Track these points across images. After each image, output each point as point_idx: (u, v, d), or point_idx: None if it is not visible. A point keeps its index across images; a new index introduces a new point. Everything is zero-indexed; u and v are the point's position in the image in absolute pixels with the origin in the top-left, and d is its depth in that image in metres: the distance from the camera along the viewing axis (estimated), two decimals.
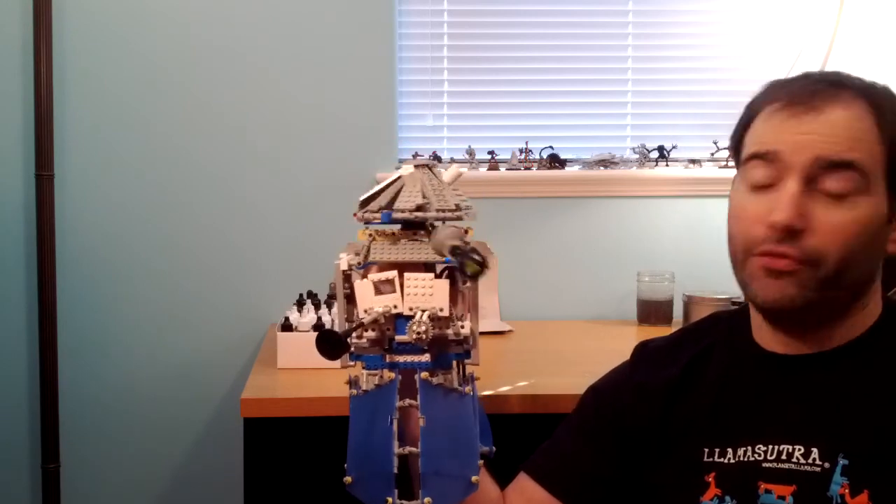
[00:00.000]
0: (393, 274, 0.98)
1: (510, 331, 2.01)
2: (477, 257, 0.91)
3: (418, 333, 0.94)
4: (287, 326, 1.66)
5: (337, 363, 1.04)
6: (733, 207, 1.04)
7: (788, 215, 0.95)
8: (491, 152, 2.20)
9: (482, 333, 1.05)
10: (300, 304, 1.78)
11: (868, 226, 0.97)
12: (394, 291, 0.97)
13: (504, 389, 1.51)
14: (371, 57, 2.14)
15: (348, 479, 0.96)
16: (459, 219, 1.00)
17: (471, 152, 2.18)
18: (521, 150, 2.21)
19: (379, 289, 0.98)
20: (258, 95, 2.12)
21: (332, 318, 1.67)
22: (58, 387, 2.08)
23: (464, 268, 0.92)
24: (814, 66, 1.86)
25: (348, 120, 2.13)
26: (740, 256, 1.01)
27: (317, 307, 1.76)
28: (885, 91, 1.02)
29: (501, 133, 2.25)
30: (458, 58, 2.24)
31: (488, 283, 2.02)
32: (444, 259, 0.97)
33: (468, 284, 1.00)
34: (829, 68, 1.83)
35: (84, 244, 2.11)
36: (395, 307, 0.97)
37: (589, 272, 2.21)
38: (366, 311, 0.97)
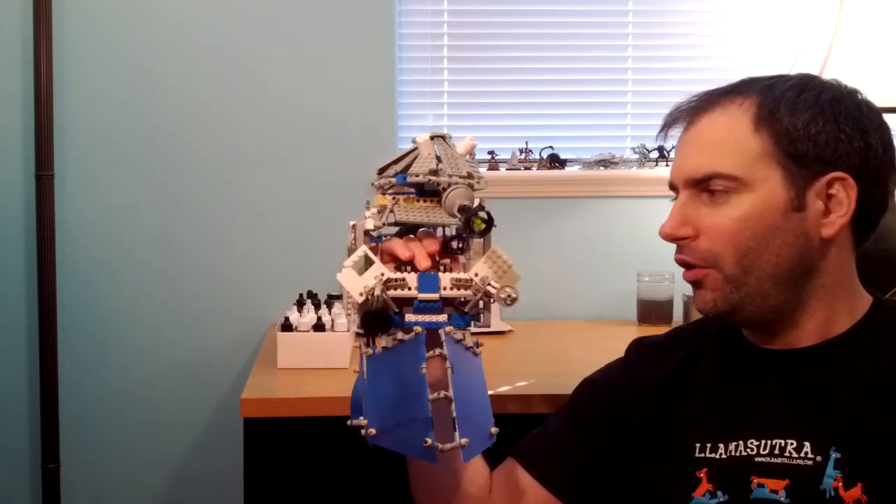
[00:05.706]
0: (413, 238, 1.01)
1: (510, 331, 2.01)
2: (483, 214, 0.94)
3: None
4: (287, 326, 1.66)
5: (346, 363, 1.07)
6: None
7: (669, 225, 1.05)
8: (491, 152, 2.20)
9: (481, 333, 1.05)
10: (300, 304, 1.78)
11: (757, 220, 1.00)
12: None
13: (504, 389, 1.51)
14: (371, 57, 2.13)
15: (372, 431, 0.93)
16: (471, 187, 1.02)
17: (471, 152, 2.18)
18: (521, 150, 2.21)
19: None
20: (258, 95, 2.12)
21: (332, 318, 1.67)
22: (58, 387, 2.08)
23: (470, 224, 0.95)
24: (814, 67, 1.86)
25: (348, 120, 2.13)
26: None
27: (317, 307, 1.76)
28: (784, 84, 1.03)
29: (501, 133, 2.25)
30: (458, 58, 2.24)
31: None
32: (458, 219, 0.99)
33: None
34: (829, 68, 1.84)
35: (84, 244, 2.11)
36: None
37: (589, 272, 2.21)
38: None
